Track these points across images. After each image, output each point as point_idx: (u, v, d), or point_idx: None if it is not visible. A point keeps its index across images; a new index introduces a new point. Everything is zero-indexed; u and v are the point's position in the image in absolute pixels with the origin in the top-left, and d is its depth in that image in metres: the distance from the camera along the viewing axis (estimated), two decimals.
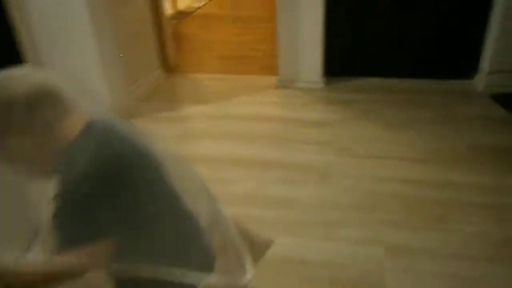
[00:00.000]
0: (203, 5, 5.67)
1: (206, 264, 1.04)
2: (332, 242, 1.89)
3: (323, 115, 2.96)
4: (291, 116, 2.98)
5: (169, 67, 3.71)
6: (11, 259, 0.84)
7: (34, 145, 0.86)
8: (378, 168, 2.35)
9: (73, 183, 0.84)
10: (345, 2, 3.20)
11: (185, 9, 5.46)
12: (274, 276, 1.63)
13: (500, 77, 3.08)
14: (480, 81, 3.17)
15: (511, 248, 1.81)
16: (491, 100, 3.00)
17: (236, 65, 3.87)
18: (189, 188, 1.04)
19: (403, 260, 1.77)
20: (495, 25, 2.99)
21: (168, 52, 3.68)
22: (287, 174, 2.35)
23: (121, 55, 2.91)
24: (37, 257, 0.88)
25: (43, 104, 0.84)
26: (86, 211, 0.84)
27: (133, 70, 3.18)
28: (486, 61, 3.12)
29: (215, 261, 1.05)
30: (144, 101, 3.23)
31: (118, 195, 0.86)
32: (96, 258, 0.87)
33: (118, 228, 0.87)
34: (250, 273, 1.01)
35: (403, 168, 2.34)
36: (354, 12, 3.24)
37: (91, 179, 0.84)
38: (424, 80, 3.30)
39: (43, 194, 0.91)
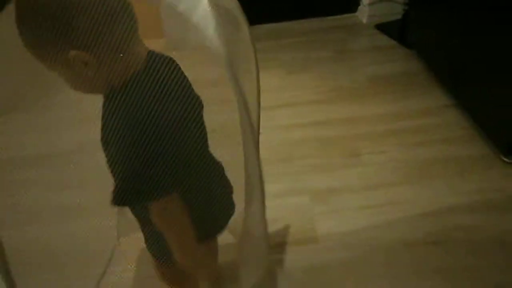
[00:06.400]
0: None
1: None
2: None
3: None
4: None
5: None
6: None
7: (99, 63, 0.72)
8: (287, 117, 2.32)
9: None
10: None
11: None
12: None
13: (379, 7, 3.20)
14: (363, 13, 3.27)
15: (420, 168, 1.92)
16: (376, 30, 3.12)
17: None
18: None
19: (328, 203, 1.79)
20: None
21: None
22: None
23: None
24: None
25: (124, 13, 0.71)
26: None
27: None
28: None
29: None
30: None
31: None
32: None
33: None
34: None
35: (310, 112, 2.34)
36: None
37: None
38: (313, 19, 3.31)
39: None
